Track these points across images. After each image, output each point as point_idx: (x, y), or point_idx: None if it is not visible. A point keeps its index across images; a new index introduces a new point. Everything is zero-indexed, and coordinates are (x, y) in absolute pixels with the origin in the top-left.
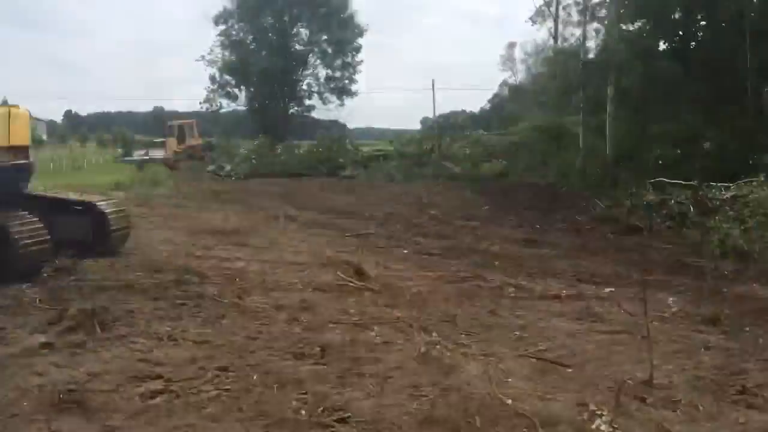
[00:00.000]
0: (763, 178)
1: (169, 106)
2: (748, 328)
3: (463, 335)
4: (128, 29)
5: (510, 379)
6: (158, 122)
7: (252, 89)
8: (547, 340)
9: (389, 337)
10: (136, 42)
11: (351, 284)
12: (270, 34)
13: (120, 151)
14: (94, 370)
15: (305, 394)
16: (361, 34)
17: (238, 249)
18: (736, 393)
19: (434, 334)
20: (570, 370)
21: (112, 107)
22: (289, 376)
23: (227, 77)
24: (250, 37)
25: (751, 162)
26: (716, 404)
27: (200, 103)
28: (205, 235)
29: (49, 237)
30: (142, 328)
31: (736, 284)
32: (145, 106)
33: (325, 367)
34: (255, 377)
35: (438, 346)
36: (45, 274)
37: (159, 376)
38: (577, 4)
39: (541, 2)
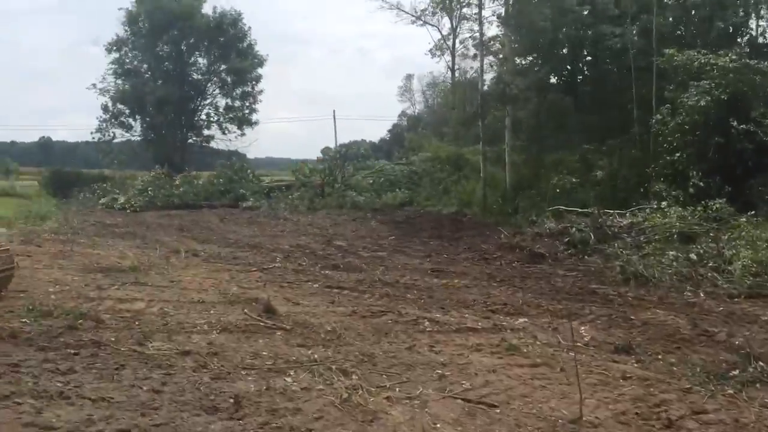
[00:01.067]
0: (655, 206)
1: (56, 136)
2: (660, 356)
3: (384, 376)
4: None
5: (438, 425)
6: (45, 152)
7: (147, 119)
8: (470, 378)
9: (307, 383)
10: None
11: (261, 323)
12: (166, 63)
13: None
14: None
15: None
16: (261, 64)
17: (137, 288)
18: (662, 426)
19: (354, 376)
20: (497, 410)
21: None
22: None
23: (121, 106)
24: (145, 65)
25: (641, 190)
26: None
27: (92, 133)
28: (100, 274)
29: None
30: (29, 386)
31: (640, 310)
32: (29, 137)
33: (240, 422)
34: None
35: (360, 391)
36: None
37: None
38: (473, 38)
39: (439, 37)
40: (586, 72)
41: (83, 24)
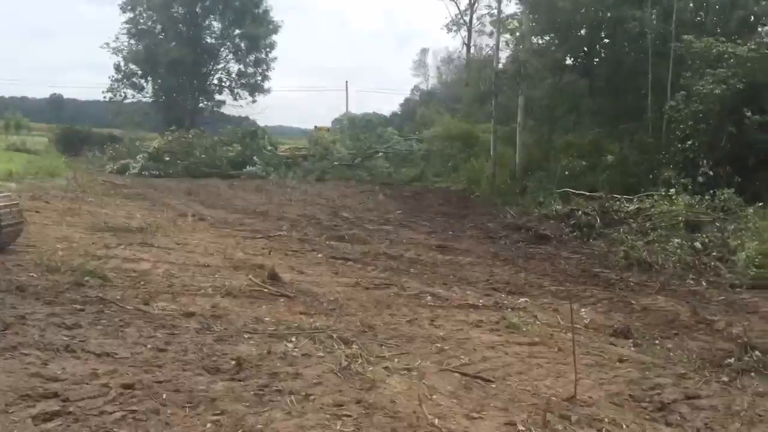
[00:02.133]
0: (663, 192)
1: (68, 94)
2: (657, 341)
3: (383, 347)
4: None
5: (435, 396)
6: (56, 109)
7: (159, 80)
8: (468, 353)
9: (307, 349)
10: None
11: (265, 290)
12: (180, 25)
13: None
14: None
15: (220, 414)
16: (275, 30)
17: (143, 249)
18: (654, 410)
19: (354, 346)
20: (493, 385)
21: (4, 92)
22: (202, 394)
23: (133, 67)
24: (159, 26)
25: (651, 176)
26: (638, 422)
27: (103, 92)
28: (107, 233)
29: None
30: (35, 338)
31: (641, 296)
32: (40, 93)
33: (241, 383)
34: (164, 396)
35: (359, 360)
36: None
37: (55, 394)
38: (491, 15)
39: (456, 11)
40: (602, 54)
41: None
